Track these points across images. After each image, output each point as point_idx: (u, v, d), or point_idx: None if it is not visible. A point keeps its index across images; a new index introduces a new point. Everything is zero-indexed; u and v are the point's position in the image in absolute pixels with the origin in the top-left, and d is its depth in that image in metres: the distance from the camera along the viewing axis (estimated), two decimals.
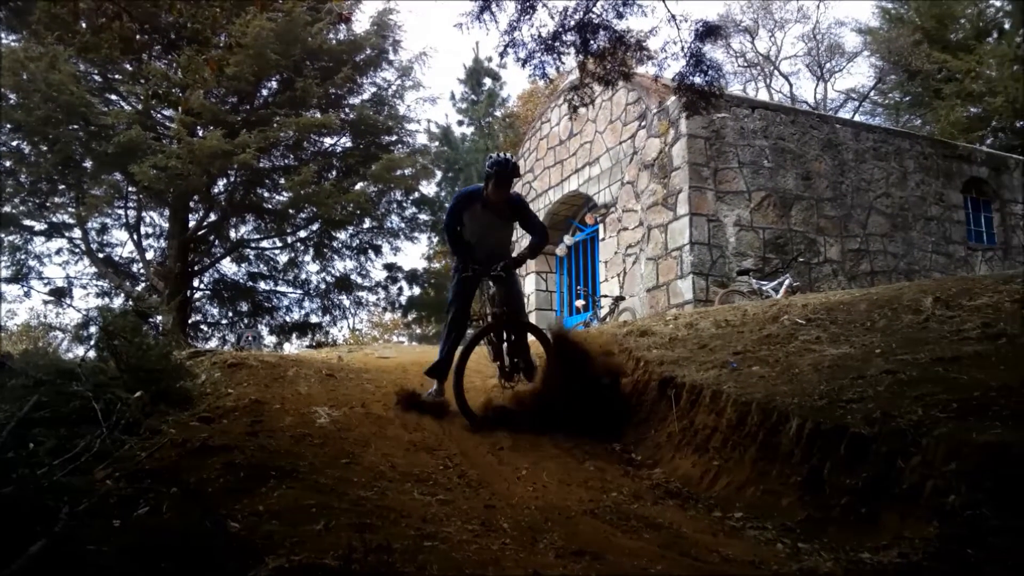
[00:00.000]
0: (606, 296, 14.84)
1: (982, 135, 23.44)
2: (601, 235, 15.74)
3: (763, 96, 31.48)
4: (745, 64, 33.63)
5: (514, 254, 6.50)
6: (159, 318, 18.10)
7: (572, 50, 8.16)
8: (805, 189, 14.29)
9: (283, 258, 23.09)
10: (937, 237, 15.52)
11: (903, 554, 3.17)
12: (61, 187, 19.49)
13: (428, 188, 26.38)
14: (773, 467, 4.22)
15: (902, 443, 3.70)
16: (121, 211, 20.78)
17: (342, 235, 22.97)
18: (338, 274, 23.57)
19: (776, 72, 34.07)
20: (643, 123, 14.72)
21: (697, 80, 8.03)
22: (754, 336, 6.34)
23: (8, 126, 17.91)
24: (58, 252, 20.95)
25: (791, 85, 34.14)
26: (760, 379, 5.10)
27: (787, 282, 12.27)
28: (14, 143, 18.66)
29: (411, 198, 24.00)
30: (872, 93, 31.73)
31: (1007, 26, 25.36)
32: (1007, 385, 3.92)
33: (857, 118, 26.49)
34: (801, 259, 13.74)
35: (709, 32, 8.06)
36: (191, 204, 20.28)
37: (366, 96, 22.23)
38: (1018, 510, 3.11)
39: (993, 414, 3.66)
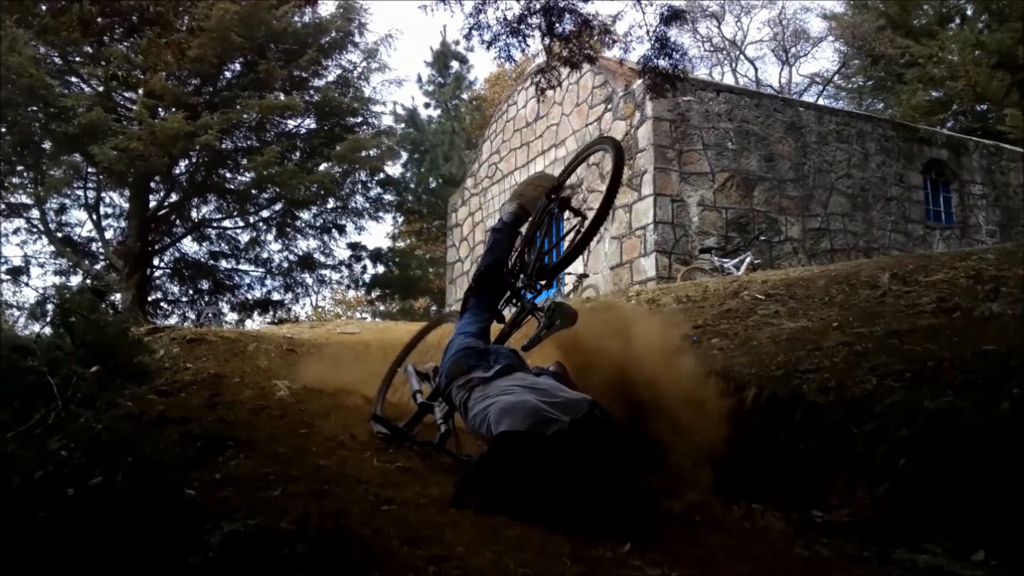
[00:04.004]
0: (570, 273, 14.88)
1: (943, 118, 23.74)
2: (566, 215, 15.72)
3: (729, 80, 31.68)
4: (711, 49, 33.87)
5: None
6: (117, 296, 17.95)
7: (537, 33, 8.14)
8: (768, 170, 14.42)
9: (245, 237, 23.02)
10: (897, 216, 15.74)
11: (853, 513, 3.23)
12: (20, 168, 19.19)
13: (393, 169, 26.38)
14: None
15: (856, 411, 3.76)
16: (81, 192, 20.54)
17: (305, 215, 22.95)
18: (301, 253, 23.55)
19: (742, 56, 34.35)
20: (609, 106, 14.76)
21: (662, 63, 8.06)
22: (714, 311, 6.39)
23: None
24: (16, 232, 20.70)
25: (756, 69, 34.54)
26: (719, 351, 5.15)
27: (748, 260, 12.40)
28: None
29: (376, 179, 23.94)
30: (836, 77, 32.11)
31: (969, 12, 25.69)
32: (960, 356, 3.98)
33: (821, 102, 26.74)
34: (763, 238, 13.88)
35: (674, 16, 8.09)
36: (152, 185, 20.07)
37: (331, 78, 22.15)
38: (965, 472, 3.18)
39: (945, 383, 3.72)
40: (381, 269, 25.46)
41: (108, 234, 21.09)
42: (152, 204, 20.16)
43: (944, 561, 2.87)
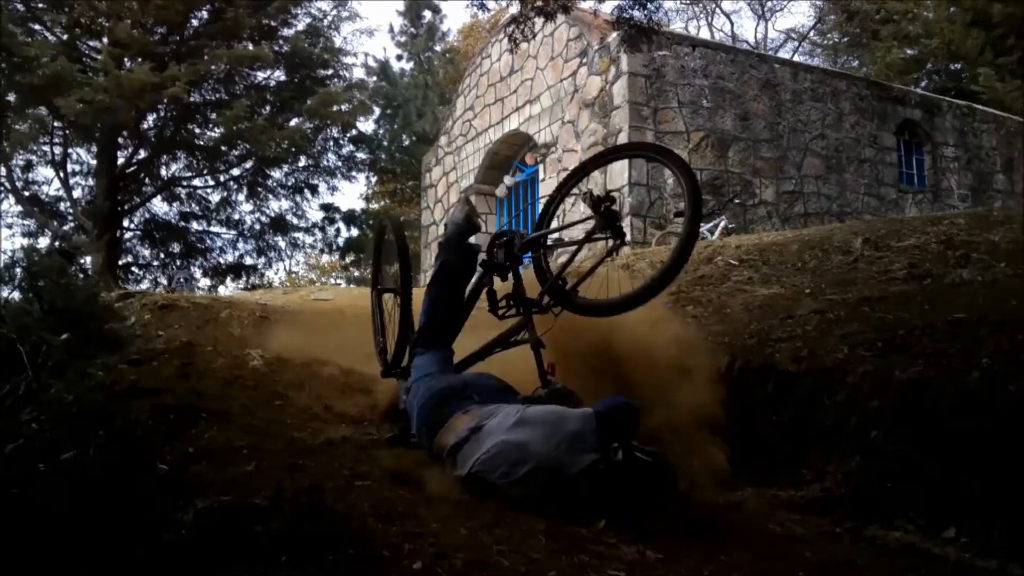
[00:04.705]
0: None
1: (917, 77, 23.77)
2: (541, 176, 15.68)
3: (704, 35, 31.47)
4: (687, 2, 33.54)
5: None
6: (87, 259, 17.74)
7: None
8: (743, 130, 14.40)
9: (216, 197, 22.65)
10: (870, 179, 15.80)
11: (826, 488, 3.27)
12: None
13: (366, 125, 25.99)
14: None
15: (828, 380, 3.79)
16: (47, 147, 20.09)
17: (277, 173, 22.63)
18: (273, 214, 23.26)
19: (718, 10, 34.08)
20: (584, 60, 14.62)
21: (636, 14, 7.94)
22: (688, 277, 6.40)
23: None
24: None
25: (732, 24, 34.34)
26: (692, 319, 5.17)
27: (722, 224, 12.42)
28: None
29: (348, 135, 23.65)
30: (812, 33, 31.95)
31: None
32: (931, 324, 4.02)
33: (796, 58, 26.68)
34: (737, 201, 13.89)
35: None
36: (120, 140, 19.70)
37: (300, 27, 21.73)
38: (936, 443, 3.22)
39: (916, 352, 3.76)
40: (355, 232, 25.23)
41: (76, 193, 20.71)
42: (120, 161, 19.79)
43: (916, 538, 2.92)
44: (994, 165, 17.61)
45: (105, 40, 18.41)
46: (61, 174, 20.24)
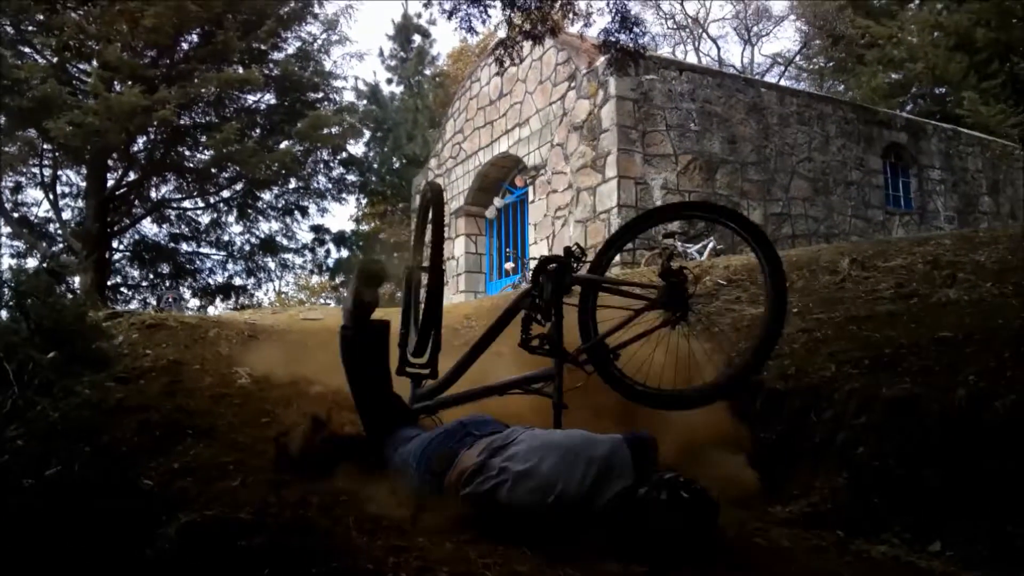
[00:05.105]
0: (534, 259, 14.86)
1: (902, 101, 23.99)
2: (531, 198, 15.74)
3: (691, 59, 31.73)
4: (675, 26, 33.92)
5: None
6: (76, 279, 17.65)
7: (499, 3, 8.06)
8: (730, 153, 14.49)
9: (205, 219, 22.67)
10: (857, 202, 15.91)
11: (813, 504, 3.28)
12: None
13: (356, 148, 26.07)
14: None
15: (815, 398, 3.81)
16: (36, 169, 20.07)
17: (267, 195, 22.64)
18: (263, 235, 23.23)
19: (704, 35, 34.39)
20: (573, 84, 14.72)
21: (623, 38, 8.01)
22: None
23: None
24: None
25: (719, 49, 34.73)
26: (682, 338, 5.17)
27: (711, 245, 12.47)
28: None
29: (338, 158, 23.72)
30: (797, 58, 32.27)
31: None
32: (917, 342, 4.05)
33: (782, 82, 26.90)
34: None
35: None
36: (109, 162, 19.66)
37: (291, 51, 21.81)
38: (922, 460, 3.23)
39: (903, 370, 3.79)
40: (345, 253, 25.25)
41: (65, 215, 20.70)
42: (110, 183, 19.75)
43: (902, 552, 2.93)
44: (979, 187, 17.77)
45: (95, 63, 18.39)
46: (51, 196, 20.24)
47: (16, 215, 20.23)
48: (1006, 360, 3.54)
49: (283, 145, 20.87)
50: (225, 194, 21.89)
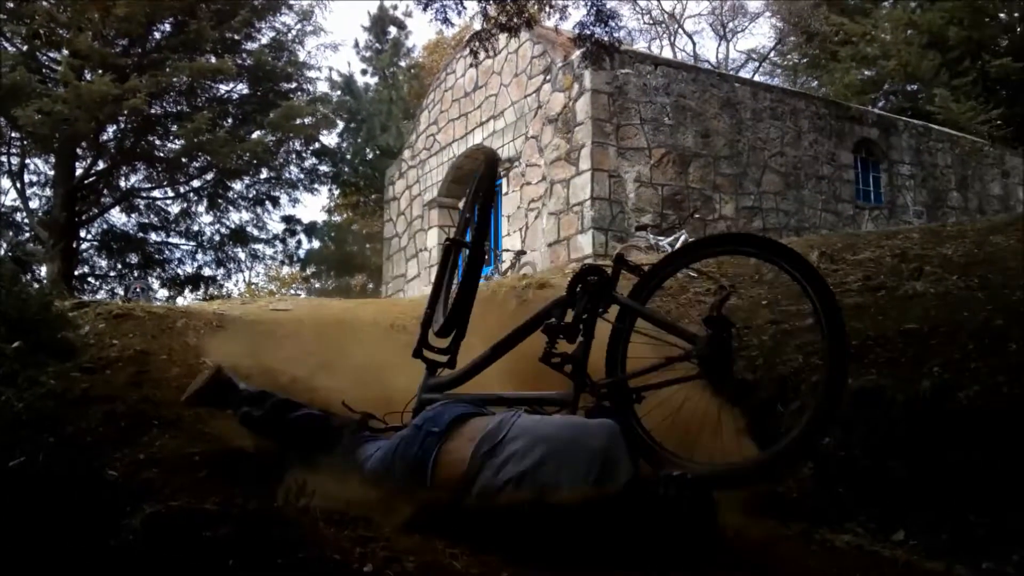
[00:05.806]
0: (508, 250, 14.89)
1: (874, 97, 24.19)
2: (504, 189, 15.73)
3: (667, 54, 31.81)
4: (651, 21, 33.96)
5: None
6: (42, 268, 17.45)
7: None
8: (703, 147, 14.56)
9: (175, 209, 22.42)
10: (827, 196, 16.04)
11: (778, 493, 3.30)
12: None
13: (329, 139, 25.95)
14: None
15: (782, 389, 3.83)
16: (4, 158, 19.79)
17: (238, 185, 22.45)
18: (233, 226, 23.03)
19: (680, 30, 34.49)
20: (548, 77, 14.72)
21: (598, 31, 8.02)
22: None
23: None
24: None
25: (695, 44, 34.85)
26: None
27: (683, 238, 12.52)
28: None
29: (311, 148, 23.54)
30: (772, 54, 32.44)
31: None
32: (884, 334, 4.08)
33: (757, 78, 27.04)
34: (697, 216, 14.03)
35: None
36: (79, 151, 19.44)
37: (264, 41, 21.67)
38: (887, 451, 3.27)
39: (869, 361, 3.82)
40: (316, 244, 25.17)
41: (33, 204, 20.46)
42: (79, 172, 19.51)
43: (865, 540, 2.96)
44: (948, 183, 17.96)
45: (65, 51, 18.17)
46: (18, 184, 19.99)
47: None
48: (970, 352, 3.58)
49: (255, 135, 20.73)
50: (195, 184, 21.69)
